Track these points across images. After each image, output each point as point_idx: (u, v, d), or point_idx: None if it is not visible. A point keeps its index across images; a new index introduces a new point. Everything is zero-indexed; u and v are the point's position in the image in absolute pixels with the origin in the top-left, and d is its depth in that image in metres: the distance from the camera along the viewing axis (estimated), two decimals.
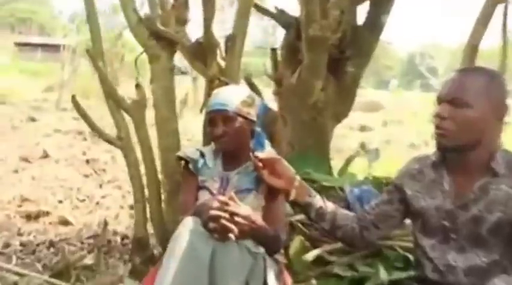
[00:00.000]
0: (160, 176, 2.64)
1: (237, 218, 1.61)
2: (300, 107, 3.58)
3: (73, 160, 5.97)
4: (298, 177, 1.81)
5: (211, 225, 1.59)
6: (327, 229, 1.81)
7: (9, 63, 19.98)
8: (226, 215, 1.60)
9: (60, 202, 4.45)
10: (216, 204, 1.62)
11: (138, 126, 2.66)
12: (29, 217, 3.94)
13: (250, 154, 1.84)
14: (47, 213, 4.02)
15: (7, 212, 4.01)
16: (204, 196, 1.91)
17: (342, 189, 2.86)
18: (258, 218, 1.70)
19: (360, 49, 3.71)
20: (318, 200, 1.82)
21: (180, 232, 1.59)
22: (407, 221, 1.82)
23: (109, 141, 2.71)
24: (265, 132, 1.97)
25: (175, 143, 2.59)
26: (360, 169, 3.81)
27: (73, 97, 2.63)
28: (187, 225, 1.60)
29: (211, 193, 1.91)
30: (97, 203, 4.54)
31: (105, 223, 3.19)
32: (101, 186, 5.05)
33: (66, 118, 9.17)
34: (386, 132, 11.56)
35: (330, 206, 1.82)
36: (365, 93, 16.65)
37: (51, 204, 4.34)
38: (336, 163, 3.78)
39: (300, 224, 2.52)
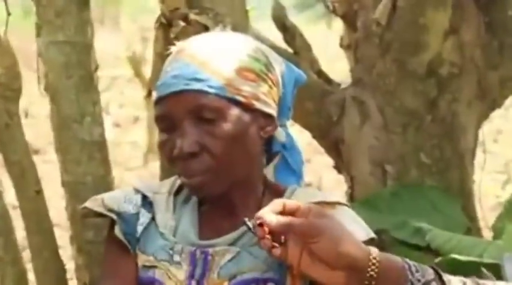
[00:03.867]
0: (63, 247, 1.79)
1: None
2: (399, 77, 2.39)
3: None
4: (375, 251, 1.08)
5: None
6: None
7: None
8: None
9: None
10: None
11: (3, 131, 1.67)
12: None
13: (244, 220, 1.08)
14: None
15: None
16: None
17: (498, 268, 1.95)
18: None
19: None
20: None
21: None
22: None
23: None
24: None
25: (102, 170, 1.69)
26: None
27: None
28: None
29: None
30: None
31: None
32: None
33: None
34: None
35: None
36: None
37: None
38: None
39: None
